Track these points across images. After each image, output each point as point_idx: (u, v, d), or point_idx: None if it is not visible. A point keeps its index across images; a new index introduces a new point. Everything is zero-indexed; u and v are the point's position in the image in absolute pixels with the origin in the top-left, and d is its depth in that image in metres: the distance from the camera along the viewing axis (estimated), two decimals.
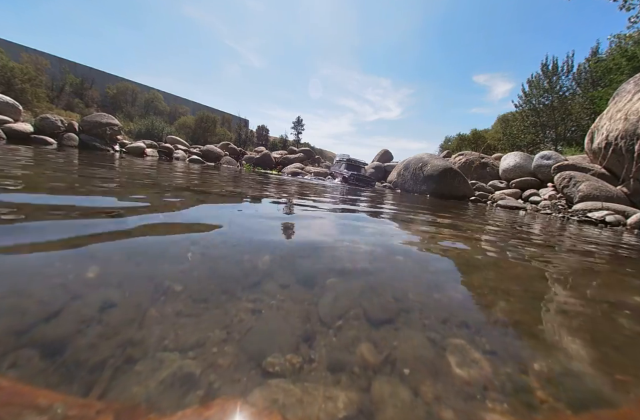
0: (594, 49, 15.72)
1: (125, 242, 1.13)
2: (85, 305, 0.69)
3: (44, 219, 1.27)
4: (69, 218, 1.33)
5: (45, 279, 0.78)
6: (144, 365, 0.53)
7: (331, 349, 0.65)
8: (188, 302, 0.76)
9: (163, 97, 25.00)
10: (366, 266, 1.23)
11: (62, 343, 0.56)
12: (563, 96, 15.79)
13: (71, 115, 15.39)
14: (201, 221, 1.66)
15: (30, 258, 0.89)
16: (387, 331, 0.75)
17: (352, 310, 0.84)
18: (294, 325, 0.72)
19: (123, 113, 19.61)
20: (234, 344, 0.62)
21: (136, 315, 0.67)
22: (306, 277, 1.03)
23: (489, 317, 0.91)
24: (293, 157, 17.03)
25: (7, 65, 13.79)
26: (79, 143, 9.64)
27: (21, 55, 16.45)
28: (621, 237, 3.81)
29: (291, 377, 0.55)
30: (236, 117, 28.56)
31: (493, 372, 0.63)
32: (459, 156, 12.30)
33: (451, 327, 0.81)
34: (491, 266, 1.53)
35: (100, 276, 0.83)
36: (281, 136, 30.96)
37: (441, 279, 1.24)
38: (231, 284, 0.90)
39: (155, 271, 0.91)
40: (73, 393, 0.46)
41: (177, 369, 0.53)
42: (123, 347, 0.56)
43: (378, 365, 0.61)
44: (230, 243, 1.29)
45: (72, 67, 20.35)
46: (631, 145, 5.92)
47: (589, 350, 0.77)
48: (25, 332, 0.57)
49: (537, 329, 0.87)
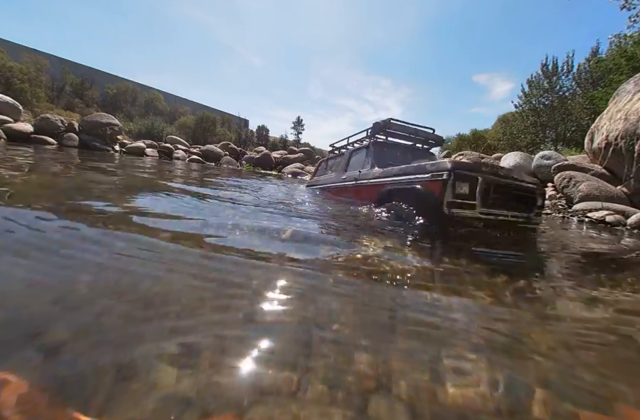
0: (594, 49, 15.72)
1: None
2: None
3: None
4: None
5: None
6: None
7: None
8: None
9: (163, 97, 25.00)
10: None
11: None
12: (563, 96, 15.79)
13: (71, 114, 15.38)
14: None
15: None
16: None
17: None
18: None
19: (123, 113, 19.61)
20: None
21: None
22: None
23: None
24: (293, 157, 17.02)
25: (6, 65, 13.79)
26: (78, 142, 9.64)
27: (20, 55, 16.44)
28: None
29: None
30: (236, 117, 28.55)
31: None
32: (459, 156, 12.32)
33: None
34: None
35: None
36: (281, 136, 30.94)
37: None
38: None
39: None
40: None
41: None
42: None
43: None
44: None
45: (72, 66, 20.33)
46: (631, 145, 5.92)
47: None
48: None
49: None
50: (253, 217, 2.04)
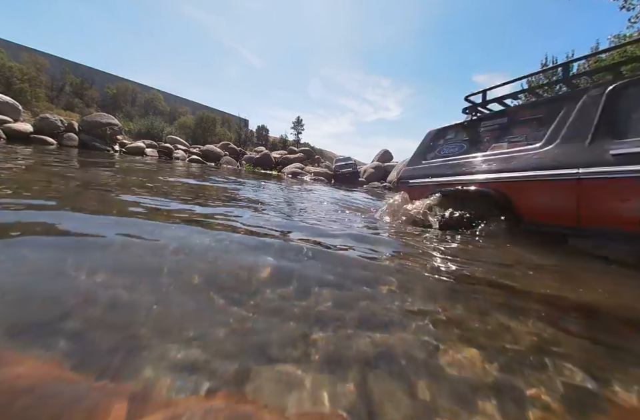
0: (594, 49, 15.74)
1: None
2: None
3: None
4: None
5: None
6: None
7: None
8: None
9: (163, 97, 25.01)
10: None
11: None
12: None
13: (71, 114, 15.38)
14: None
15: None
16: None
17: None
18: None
19: (123, 113, 19.61)
20: None
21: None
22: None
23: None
24: (292, 157, 17.02)
25: (6, 65, 13.79)
26: (78, 142, 9.64)
27: (20, 55, 16.44)
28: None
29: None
30: (236, 117, 28.57)
31: None
32: None
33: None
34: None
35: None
36: (281, 136, 30.97)
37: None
38: None
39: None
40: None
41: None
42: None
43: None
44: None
45: (72, 66, 20.34)
46: None
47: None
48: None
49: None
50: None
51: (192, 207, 2.05)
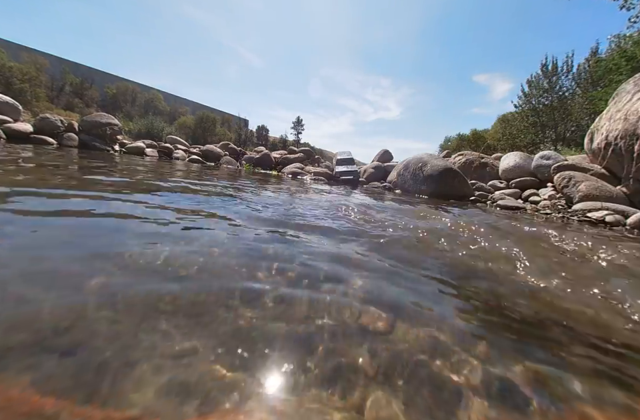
0: (594, 49, 15.74)
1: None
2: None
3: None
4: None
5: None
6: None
7: None
8: None
9: (163, 97, 24.99)
10: None
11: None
12: (563, 96, 15.81)
13: (71, 114, 15.38)
14: None
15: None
16: None
17: None
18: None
19: (123, 113, 19.59)
20: None
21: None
22: None
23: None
24: (292, 157, 17.01)
25: (6, 65, 13.79)
26: (78, 142, 9.63)
27: (20, 55, 16.43)
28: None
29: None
30: (236, 117, 28.55)
31: None
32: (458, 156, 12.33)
33: None
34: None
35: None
36: (281, 136, 30.96)
37: None
38: None
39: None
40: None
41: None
42: None
43: None
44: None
45: (72, 66, 20.33)
46: (630, 145, 5.93)
47: None
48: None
49: None
50: None
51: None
